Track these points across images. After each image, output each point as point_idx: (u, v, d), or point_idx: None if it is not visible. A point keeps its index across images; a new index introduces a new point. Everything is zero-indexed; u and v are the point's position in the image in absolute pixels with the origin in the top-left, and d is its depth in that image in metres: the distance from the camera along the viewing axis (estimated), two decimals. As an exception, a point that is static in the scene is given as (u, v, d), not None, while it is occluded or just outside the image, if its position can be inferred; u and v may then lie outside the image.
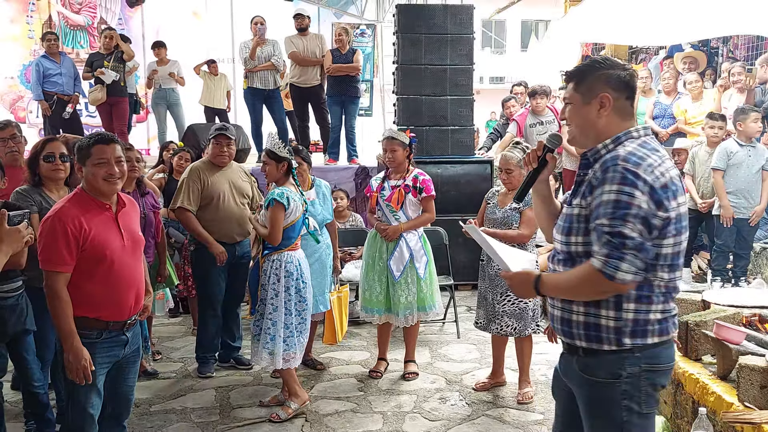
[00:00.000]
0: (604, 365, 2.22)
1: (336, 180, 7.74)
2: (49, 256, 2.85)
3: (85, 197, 2.97)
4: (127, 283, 3.03)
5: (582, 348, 2.26)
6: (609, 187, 2.10)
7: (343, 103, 8.58)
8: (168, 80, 9.90)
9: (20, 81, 13.45)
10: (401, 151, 4.89)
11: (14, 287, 3.66)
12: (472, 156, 7.94)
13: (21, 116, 13.29)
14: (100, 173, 2.93)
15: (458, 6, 8.06)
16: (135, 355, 3.21)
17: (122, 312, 3.03)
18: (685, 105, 7.69)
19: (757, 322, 3.89)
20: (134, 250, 3.10)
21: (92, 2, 13.60)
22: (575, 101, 2.30)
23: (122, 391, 3.18)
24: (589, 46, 12.09)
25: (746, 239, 6.05)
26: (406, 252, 4.89)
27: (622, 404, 2.21)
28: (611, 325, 2.19)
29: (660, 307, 2.20)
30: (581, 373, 2.28)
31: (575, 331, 2.26)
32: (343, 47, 8.39)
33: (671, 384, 3.92)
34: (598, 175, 2.15)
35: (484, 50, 24.99)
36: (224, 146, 4.99)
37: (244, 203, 5.10)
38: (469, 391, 4.76)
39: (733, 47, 9.01)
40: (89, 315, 2.93)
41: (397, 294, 4.89)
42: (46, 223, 2.87)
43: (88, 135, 3.12)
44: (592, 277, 2.11)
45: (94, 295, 2.92)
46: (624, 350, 2.19)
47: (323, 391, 4.80)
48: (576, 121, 2.30)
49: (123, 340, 3.07)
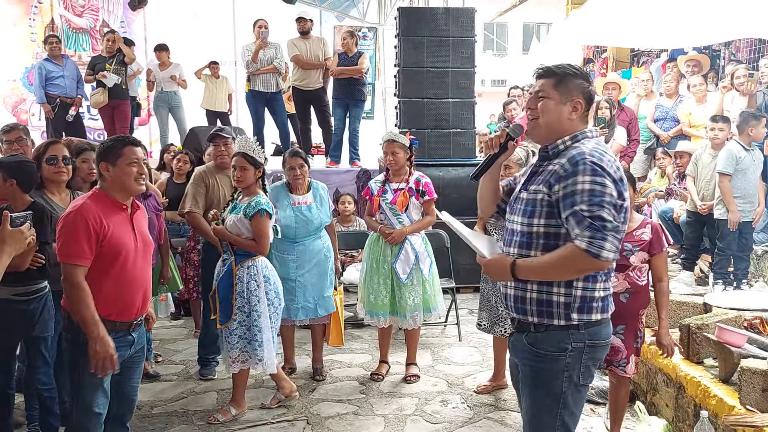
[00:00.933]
0: (553, 339, 2.44)
1: (338, 183, 7.75)
2: (69, 250, 2.90)
3: (103, 197, 3.05)
4: (138, 283, 3.10)
5: (534, 324, 2.47)
6: (582, 178, 2.30)
7: (348, 106, 8.59)
8: (170, 83, 9.90)
9: (23, 84, 13.46)
10: (402, 154, 4.90)
11: (28, 291, 3.60)
12: (474, 158, 7.94)
13: (24, 119, 13.28)
14: (133, 173, 3.03)
15: (460, 9, 8.07)
16: (140, 355, 3.26)
17: (130, 312, 3.09)
18: (689, 108, 7.68)
19: (759, 325, 3.90)
20: (145, 252, 3.17)
21: (95, 5, 13.61)
22: (554, 98, 2.46)
23: (126, 392, 3.22)
24: (590, 49, 12.10)
25: (748, 242, 6.05)
26: (412, 254, 4.90)
27: (564, 376, 2.44)
28: (562, 301, 2.41)
29: (602, 286, 2.45)
30: (530, 347, 2.48)
31: (528, 308, 2.46)
32: (349, 50, 8.41)
33: (673, 387, 3.92)
34: (567, 167, 2.35)
35: (485, 53, 25.00)
36: (221, 146, 5.02)
37: None
38: (471, 394, 4.76)
39: (735, 50, 9.00)
40: (100, 314, 2.96)
41: (404, 296, 4.89)
42: (68, 218, 2.93)
43: (113, 137, 3.23)
44: (577, 257, 2.29)
45: (107, 293, 2.98)
46: (571, 325, 2.42)
47: (325, 394, 4.81)
48: (549, 117, 2.47)
49: (129, 340, 3.12)
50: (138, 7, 11.10)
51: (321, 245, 4.93)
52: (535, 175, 2.50)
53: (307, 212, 4.85)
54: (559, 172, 2.36)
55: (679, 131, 7.79)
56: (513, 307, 2.51)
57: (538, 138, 2.53)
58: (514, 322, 2.58)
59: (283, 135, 9.09)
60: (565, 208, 2.32)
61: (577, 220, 2.29)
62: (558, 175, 2.36)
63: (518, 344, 2.55)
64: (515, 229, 2.50)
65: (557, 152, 2.45)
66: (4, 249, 2.43)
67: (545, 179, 2.41)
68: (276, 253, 4.89)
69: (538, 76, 2.51)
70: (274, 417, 4.43)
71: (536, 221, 2.42)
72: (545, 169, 2.46)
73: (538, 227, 2.42)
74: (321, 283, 4.93)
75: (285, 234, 4.82)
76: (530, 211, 2.44)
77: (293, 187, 4.92)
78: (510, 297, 2.52)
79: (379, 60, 13.84)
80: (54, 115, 8.94)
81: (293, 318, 4.92)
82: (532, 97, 2.52)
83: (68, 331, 3.05)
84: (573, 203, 2.30)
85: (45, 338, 3.76)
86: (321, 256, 4.94)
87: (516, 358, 2.61)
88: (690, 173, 6.36)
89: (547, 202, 2.39)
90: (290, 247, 4.88)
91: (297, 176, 4.88)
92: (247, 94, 8.82)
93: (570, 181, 2.32)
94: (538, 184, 2.44)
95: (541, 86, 2.48)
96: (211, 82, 10.28)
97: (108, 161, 3.05)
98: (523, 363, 2.54)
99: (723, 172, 5.85)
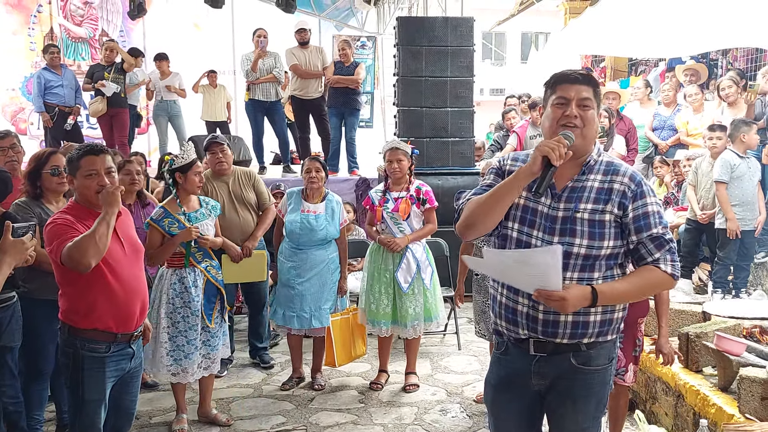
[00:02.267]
0: (605, 353, 2.42)
1: (336, 191, 7.68)
2: (60, 243, 2.79)
3: (79, 208, 2.97)
4: (133, 291, 3.01)
5: (586, 344, 2.37)
6: (650, 199, 2.30)
7: (343, 115, 8.61)
8: (169, 92, 9.93)
9: (22, 93, 13.48)
10: (406, 161, 4.92)
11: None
12: (473, 167, 7.96)
13: (22, 128, 13.31)
14: (92, 185, 2.92)
15: (459, 18, 8.09)
16: (139, 367, 3.21)
17: (129, 323, 3.02)
18: (687, 117, 7.72)
19: (758, 333, 3.90)
20: (136, 258, 3.09)
21: (94, 15, 13.65)
22: (594, 108, 2.33)
23: (125, 405, 3.18)
24: (588, 58, 12.14)
25: (748, 251, 6.06)
26: (413, 263, 4.89)
27: (609, 384, 2.48)
28: (619, 317, 2.41)
29: None
30: (581, 366, 2.38)
31: (590, 331, 2.35)
32: (346, 60, 8.43)
33: (672, 396, 3.92)
34: (633, 187, 2.30)
35: (484, 62, 25.05)
36: (219, 153, 5.10)
37: (246, 211, 5.20)
38: (470, 403, 4.75)
39: (732, 59, 9.03)
40: (99, 327, 2.92)
41: (405, 306, 4.88)
42: (49, 227, 2.86)
43: (78, 146, 3.08)
44: (663, 281, 2.31)
45: (101, 305, 2.91)
46: (615, 337, 2.45)
47: (324, 403, 4.79)
48: (591, 128, 2.33)
49: (130, 352, 3.07)
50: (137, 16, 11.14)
51: (325, 257, 4.91)
52: (573, 191, 2.33)
53: (313, 221, 4.85)
54: (627, 192, 2.29)
55: (677, 140, 7.81)
56: (569, 333, 2.34)
57: (575, 149, 2.28)
58: (548, 346, 2.38)
59: (283, 144, 9.11)
60: (640, 230, 2.28)
61: (658, 243, 2.27)
62: (626, 194, 2.29)
63: (555, 366, 2.39)
64: (573, 251, 2.28)
65: (591, 167, 2.35)
66: (5, 259, 2.43)
67: (608, 198, 2.29)
68: (281, 258, 4.97)
69: (581, 82, 2.32)
70: (272, 426, 4.42)
71: (606, 243, 2.30)
72: (587, 185, 2.32)
73: (606, 249, 2.30)
74: (320, 295, 4.91)
75: (290, 239, 4.90)
76: (598, 234, 2.29)
77: (308, 193, 4.93)
78: (566, 324, 2.33)
79: (378, 69, 13.88)
80: (52, 124, 8.96)
81: (289, 326, 4.92)
82: (577, 105, 2.30)
83: (68, 345, 2.96)
84: (648, 226, 2.27)
85: (11, 348, 3.59)
86: (323, 268, 4.91)
87: (544, 381, 2.43)
88: (691, 182, 6.38)
89: (616, 224, 2.30)
90: (293, 253, 4.90)
91: (312, 179, 4.88)
92: (246, 104, 8.86)
93: (641, 202, 2.29)
94: (597, 203, 2.29)
95: (587, 93, 2.32)
96: (208, 92, 10.31)
97: (71, 173, 2.97)
98: (566, 382, 2.40)
99: (719, 180, 5.89)
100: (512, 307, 2.39)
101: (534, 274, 2.17)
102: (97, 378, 2.96)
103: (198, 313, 4.19)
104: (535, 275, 2.17)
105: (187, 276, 4.22)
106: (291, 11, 11.00)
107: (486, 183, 2.44)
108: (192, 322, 4.18)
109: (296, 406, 4.74)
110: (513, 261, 2.25)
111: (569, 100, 2.31)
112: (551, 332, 2.35)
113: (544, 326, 2.35)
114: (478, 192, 2.41)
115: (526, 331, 2.38)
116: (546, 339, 2.37)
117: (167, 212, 4.24)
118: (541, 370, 2.41)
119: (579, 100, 2.30)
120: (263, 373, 5.40)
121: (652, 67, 10.35)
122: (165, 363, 4.15)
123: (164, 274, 4.27)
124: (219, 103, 10.35)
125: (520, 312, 2.38)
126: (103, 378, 2.97)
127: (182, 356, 4.16)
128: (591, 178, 2.33)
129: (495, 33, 24.70)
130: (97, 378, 2.96)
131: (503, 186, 2.30)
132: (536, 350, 2.40)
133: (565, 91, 2.32)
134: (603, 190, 2.31)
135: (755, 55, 8.64)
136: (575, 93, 2.30)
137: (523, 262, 2.21)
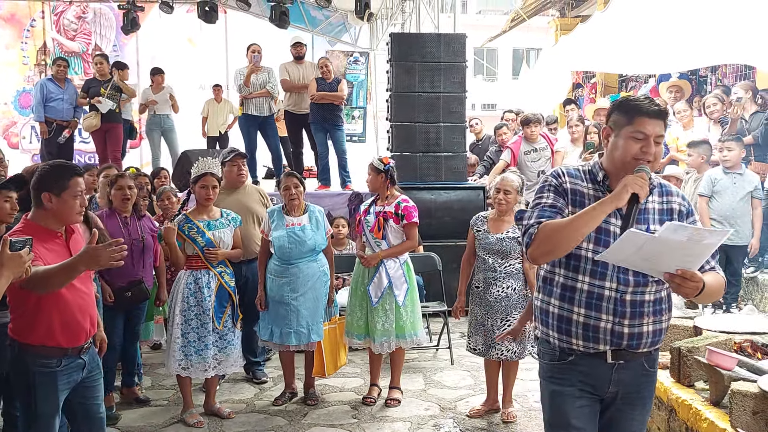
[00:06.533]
0: (657, 356, 2.63)
1: (330, 206, 7.75)
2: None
3: (33, 226, 2.98)
4: (81, 308, 3.06)
5: (651, 350, 2.55)
6: (696, 216, 2.56)
7: (328, 131, 8.60)
8: (162, 106, 9.90)
9: (14, 107, 13.48)
10: (374, 176, 4.97)
11: None
12: (465, 182, 7.99)
13: (14, 142, 13.30)
14: (76, 206, 3.03)
15: (451, 35, 8.15)
16: (97, 373, 3.24)
17: (79, 337, 3.07)
18: (677, 133, 7.78)
19: (749, 348, 3.92)
20: (86, 275, 3.12)
21: (87, 29, 13.67)
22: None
23: (92, 411, 3.21)
24: (579, 75, 12.24)
25: (736, 267, 6.10)
26: (385, 279, 4.89)
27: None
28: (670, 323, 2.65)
29: None
30: (649, 368, 2.58)
31: (661, 338, 2.54)
32: (328, 76, 8.41)
33: (664, 410, 3.93)
34: (684, 204, 2.53)
35: (476, 78, 25.21)
36: (242, 166, 5.39)
37: (255, 225, 5.35)
38: (464, 418, 4.75)
39: (721, 75, 9.13)
40: (47, 343, 2.96)
41: (374, 320, 4.89)
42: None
43: (55, 165, 3.15)
44: (723, 284, 2.49)
45: (51, 321, 2.95)
46: None
47: (317, 419, 4.78)
48: (659, 160, 2.47)
49: (80, 363, 3.11)
50: (131, 31, 11.17)
51: (317, 269, 4.92)
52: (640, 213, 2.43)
53: (300, 233, 4.85)
54: (683, 210, 2.51)
55: (668, 159, 7.86)
56: (648, 342, 2.49)
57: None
58: (627, 354, 2.49)
59: (276, 158, 9.11)
60: None
61: (713, 254, 2.38)
62: (683, 212, 2.51)
63: (631, 371, 2.53)
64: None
65: (652, 190, 2.45)
66: (3, 273, 2.43)
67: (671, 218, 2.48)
68: (271, 276, 4.91)
69: (659, 117, 2.36)
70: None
71: None
72: (650, 207, 2.47)
73: None
74: (316, 308, 4.91)
75: (279, 255, 4.85)
76: None
77: (289, 208, 4.94)
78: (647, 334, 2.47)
79: (371, 84, 13.93)
80: (49, 137, 8.98)
81: (286, 343, 4.89)
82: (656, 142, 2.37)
83: (18, 363, 3.00)
84: None
85: None
86: (316, 281, 4.92)
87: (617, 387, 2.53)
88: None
89: None
90: (284, 269, 4.87)
91: (292, 195, 4.89)
92: (240, 118, 8.87)
93: (693, 218, 2.52)
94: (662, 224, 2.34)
95: (660, 130, 2.37)
96: (211, 107, 10.30)
97: (52, 192, 2.98)
98: (637, 386, 2.56)
99: (700, 193, 6.05)
100: (593, 325, 2.45)
101: (690, 255, 2.22)
102: (48, 392, 2.99)
103: (209, 313, 4.58)
104: (691, 255, 2.22)
105: (202, 277, 4.63)
106: (284, 27, 11.06)
107: (548, 203, 2.46)
108: (204, 320, 4.59)
109: (289, 421, 4.73)
110: (686, 239, 2.18)
111: (648, 137, 2.35)
112: (635, 344, 2.47)
113: (630, 339, 2.46)
114: (544, 215, 2.42)
115: (607, 346, 2.47)
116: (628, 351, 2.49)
117: (188, 218, 4.72)
118: (620, 377, 2.52)
119: (656, 137, 2.36)
120: (256, 388, 5.38)
121: (642, 83, 10.44)
122: (177, 357, 4.55)
123: (181, 276, 4.68)
124: (219, 119, 10.35)
125: (603, 329, 2.45)
126: (55, 391, 3.00)
127: (192, 352, 4.56)
128: (650, 200, 2.47)
129: (487, 49, 24.87)
130: (48, 392, 2.99)
131: (585, 215, 2.33)
132: (614, 358, 2.49)
133: (644, 126, 2.35)
134: (664, 210, 2.49)
135: (744, 72, 8.73)
136: (653, 129, 2.35)
137: (695, 241, 2.19)
